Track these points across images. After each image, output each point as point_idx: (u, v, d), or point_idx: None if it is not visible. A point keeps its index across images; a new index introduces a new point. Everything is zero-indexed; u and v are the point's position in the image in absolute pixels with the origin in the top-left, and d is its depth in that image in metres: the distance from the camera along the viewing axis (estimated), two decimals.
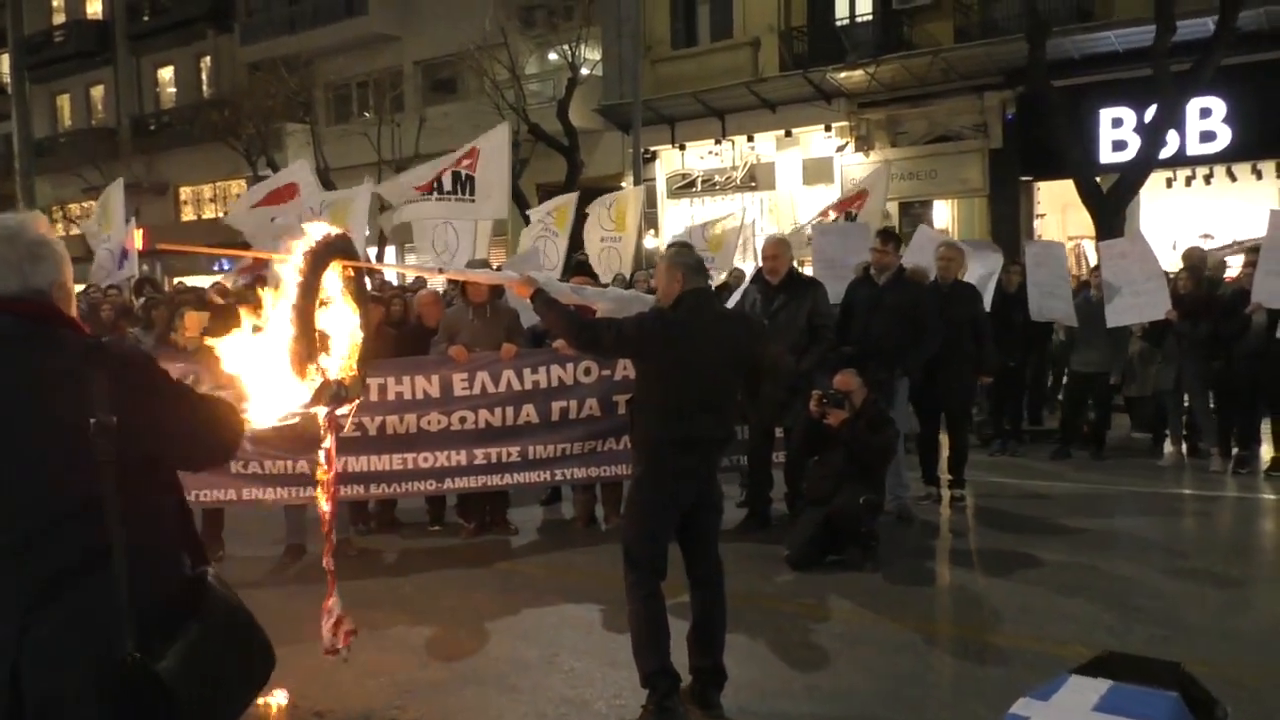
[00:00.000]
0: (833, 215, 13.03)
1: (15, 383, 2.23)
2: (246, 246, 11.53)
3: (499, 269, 9.23)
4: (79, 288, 14.26)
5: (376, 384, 7.20)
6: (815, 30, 21.44)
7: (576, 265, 8.84)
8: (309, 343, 3.53)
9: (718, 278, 12.35)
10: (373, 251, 21.11)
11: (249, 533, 7.94)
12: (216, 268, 24.17)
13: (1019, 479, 9.24)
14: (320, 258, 3.73)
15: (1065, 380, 10.71)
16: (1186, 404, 9.79)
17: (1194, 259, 9.92)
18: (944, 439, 8.49)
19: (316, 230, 3.84)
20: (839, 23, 21.12)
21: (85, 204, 34.43)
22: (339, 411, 3.70)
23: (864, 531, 6.60)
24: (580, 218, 14.18)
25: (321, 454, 3.92)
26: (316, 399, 3.56)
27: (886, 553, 6.74)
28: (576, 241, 17.93)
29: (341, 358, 3.86)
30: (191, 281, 17.58)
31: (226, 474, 7.19)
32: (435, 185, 11.32)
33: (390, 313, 8.52)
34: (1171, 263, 10.82)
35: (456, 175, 11.47)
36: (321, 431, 3.74)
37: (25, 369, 2.25)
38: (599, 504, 8.13)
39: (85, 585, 2.23)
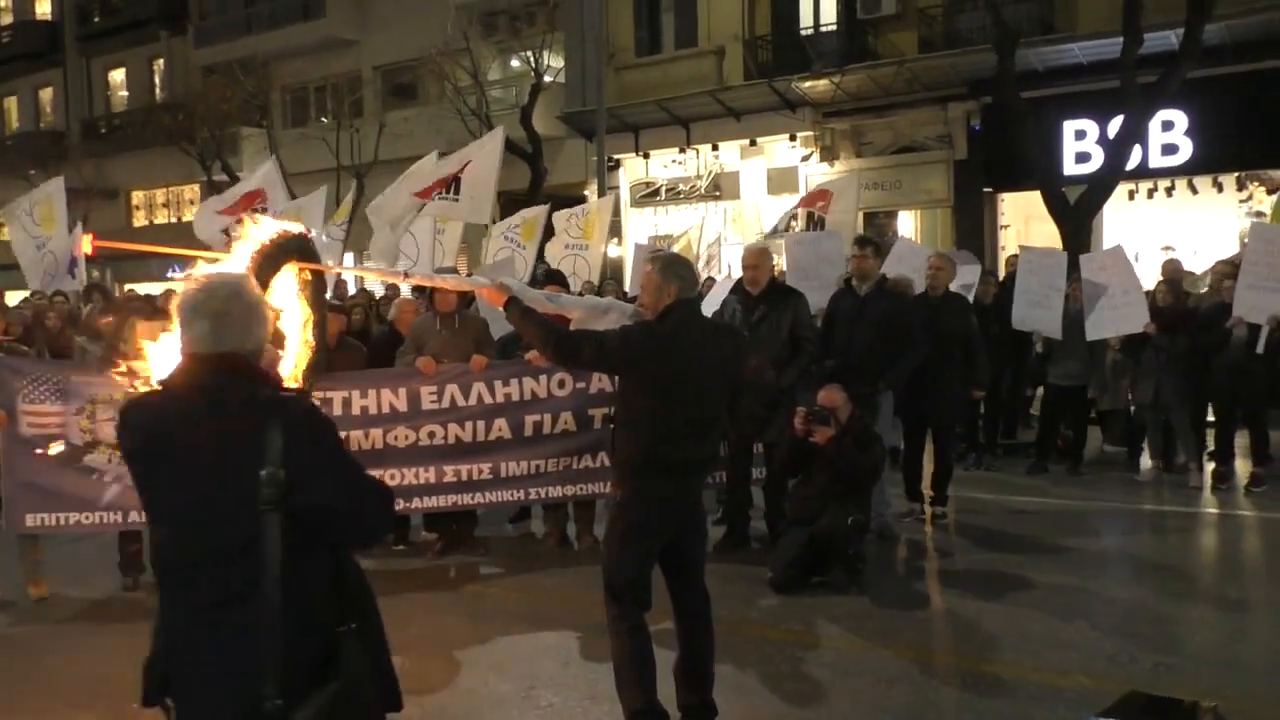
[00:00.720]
0: (800, 216, 12.86)
1: (213, 431, 2.46)
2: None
3: (469, 276, 8.90)
4: (21, 295, 13.72)
5: (340, 397, 6.89)
6: (780, 39, 21.31)
7: (547, 273, 8.52)
8: None
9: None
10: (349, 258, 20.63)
11: None
12: (170, 274, 23.58)
13: (999, 494, 9.05)
14: (270, 259, 3.44)
15: (1042, 393, 10.55)
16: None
17: (1172, 272, 9.82)
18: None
19: (270, 228, 3.54)
20: (804, 32, 21.01)
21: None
22: None
23: (851, 553, 6.36)
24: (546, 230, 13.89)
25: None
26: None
27: (872, 574, 6.53)
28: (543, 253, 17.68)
29: (286, 370, 3.58)
30: (143, 288, 17.04)
31: None
32: (449, 186, 10.87)
33: (351, 323, 8.16)
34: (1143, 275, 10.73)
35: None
36: None
37: (222, 421, 2.47)
38: (571, 522, 7.82)
39: (235, 623, 2.41)
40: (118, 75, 34.90)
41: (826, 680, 5.00)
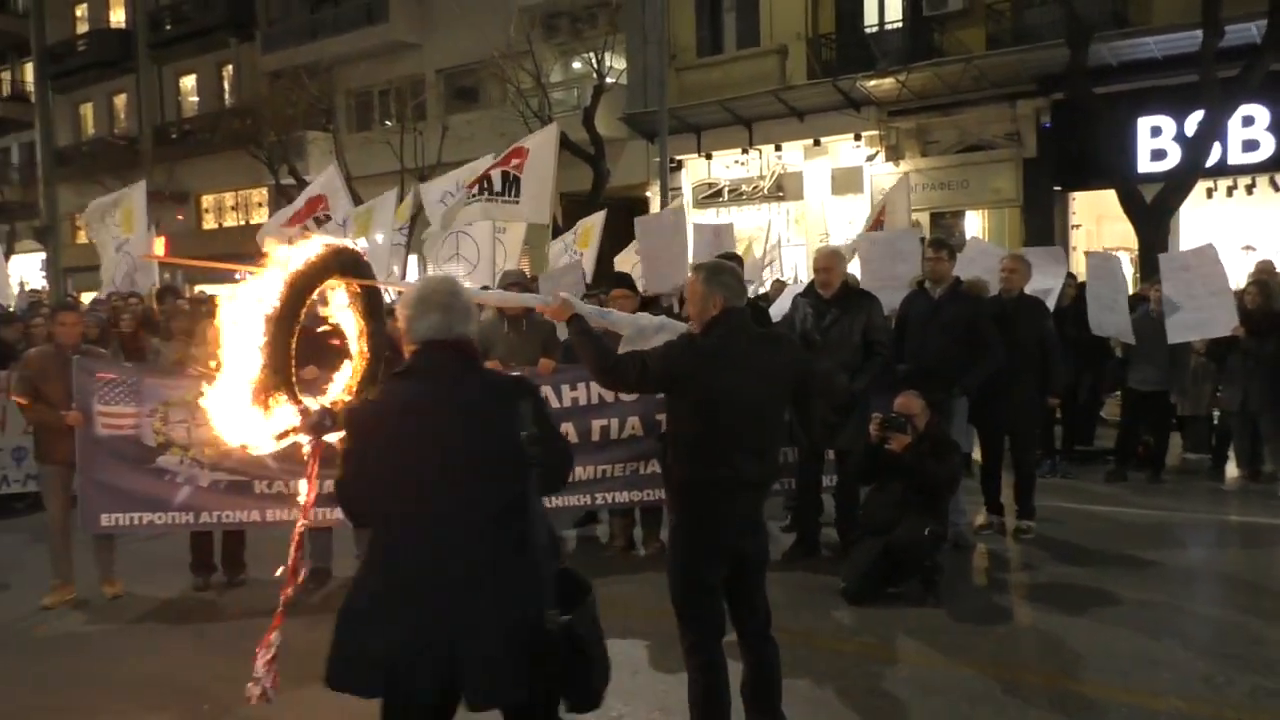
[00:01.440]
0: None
1: (472, 401, 3.01)
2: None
3: (534, 279, 8.87)
4: (94, 296, 14.01)
5: None
6: (844, 37, 21.05)
7: (617, 278, 8.42)
8: (276, 372, 3.35)
9: (754, 289, 12.01)
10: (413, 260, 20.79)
11: (269, 555, 7.59)
12: (238, 276, 23.91)
13: (1078, 504, 8.75)
14: (308, 279, 3.43)
15: (1121, 399, 10.21)
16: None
17: (1261, 272, 9.44)
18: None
19: (312, 247, 3.53)
20: (868, 30, 20.73)
21: None
22: (327, 439, 3.44)
23: (927, 564, 6.17)
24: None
25: (303, 483, 3.64)
26: (300, 427, 3.35)
27: (948, 586, 6.31)
28: (603, 260, 17.62)
29: (341, 382, 3.57)
30: (214, 290, 17.31)
31: (250, 494, 6.87)
32: (484, 184, 10.84)
33: None
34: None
35: (505, 175, 11.01)
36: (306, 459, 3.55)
37: (475, 394, 3.05)
38: (637, 526, 7.74)
39: (516, 565, 2.93)
40: (188, 81, 35.64)
41: (905, 697, 4.84)
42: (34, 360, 6.96)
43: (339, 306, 3.72)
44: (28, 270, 34.15)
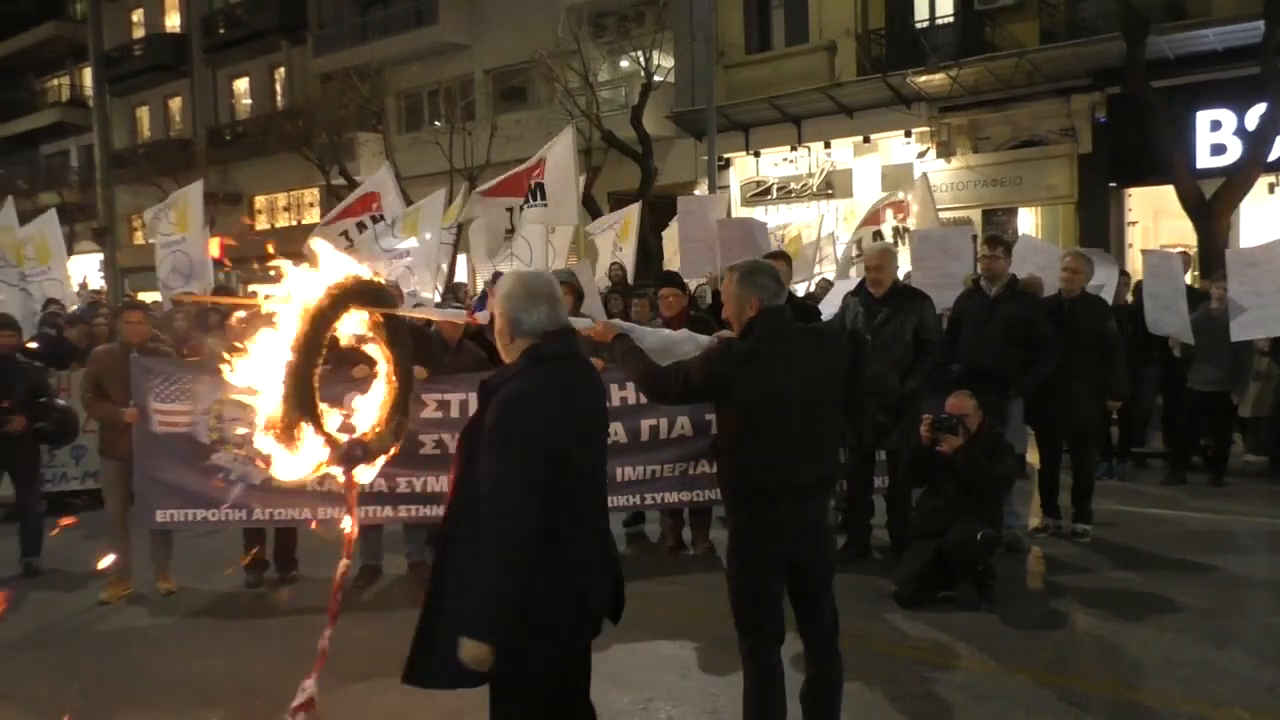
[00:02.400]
0: (886, 229, 12.63)
1: (597, 381, 3.40)
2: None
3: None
4: (154, 297, 14.25)
5: (458, 399, 6.89)
6: (894, 33, 20.82)
7: (664, 275, 8.39)
8: (299, 406, 3.36)
9: (801, 287, 11.92)
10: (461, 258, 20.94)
11: (321, 551, 7.69)
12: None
13: (1135, 507, 8.57)
14: (329, 310, 3.48)
15: (1181, 400, 9.95)
16: None
17: None
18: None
19: (333, 271, 3.57)
20: (919, 25, 20.48)
21: None
22: (358, 471, 3.52)
23: (980, 568, 6.07)
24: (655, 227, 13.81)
25: (347, 519, 3.73)
26: (331, 460, 3.41)
27: (1002, 590, 6.21)
28: (647, 252, 17.59)
29: (369, 414, 3.60)
30: (266, 290, 17.53)
31: (302, 493, 6.93)
32: (530, 194, 11.06)
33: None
34: None
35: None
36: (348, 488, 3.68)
37: (596, 376, 3.43)
38: (686, 527, 7.70)
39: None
40: (241, 84, 36.22)
41: (959, 703, 4.76)
42: (99, 358, 7.14)
43: (363, 338, 3.74)
44: (86, 270, 34.95)
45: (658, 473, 7.05)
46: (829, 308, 8.92)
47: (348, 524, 3.86)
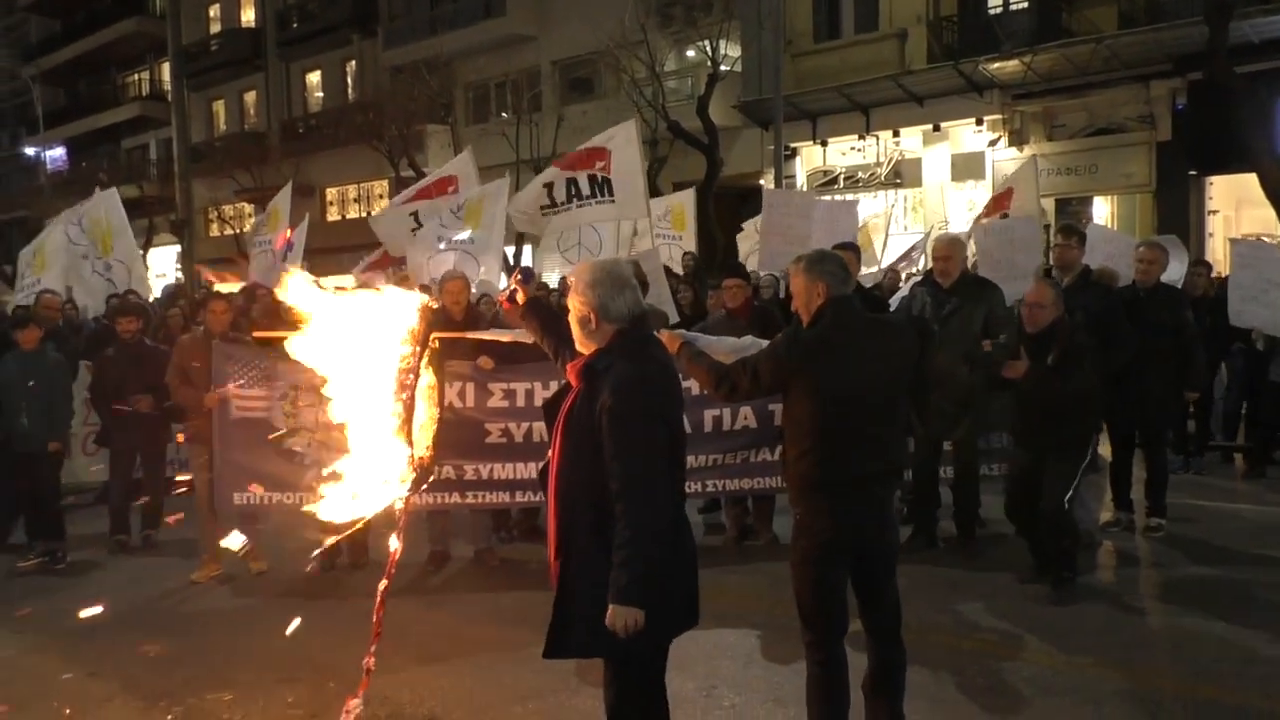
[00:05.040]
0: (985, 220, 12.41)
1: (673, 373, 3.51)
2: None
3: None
4: (228, 287, 14.62)
5: (524, 388, 6.98)
6: (966, 20, 20.53)
7: (730, 266, 8.37)
8: (404, 425, 3.70)
9: (869, 279, 11.82)
10: (510, 250, 21.13)
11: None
12: (358, 267, 24.64)
13: (1213, 501, 8.38)
14: (424, 340, 3.75)
15: (1264, 393, 9.65)
16: None
17: None
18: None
19: (407, 302, 3.72)
20: (992, 11, 20.17)
21: (238, 205, 35.78)
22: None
23: (1066, 545, 6.00)
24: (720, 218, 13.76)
25: (394, 540, 3.86)
26: (413, 489, 3.79)
27: (1076, 583, 6.11)
28: (713, 243, 17.57)
29: (420, 438, 3.75)
30: (336, 282, 17.84)
31: None
32: (570, 190, 11.00)
33: None
34: None
35: (593, 179, 11.12)
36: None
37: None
38: (750, 517, 7.71)
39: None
40: (314, 77, 36.86)
41: (1027, 696, 4.71)
42: (185, 345, 7.40)
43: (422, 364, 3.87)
44: (165, 262, 35.91)
45: (719, 460, 7.08)
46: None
47: (394, 543, 4.05)
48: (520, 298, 3.97)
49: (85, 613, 5.91)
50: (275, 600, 6.73)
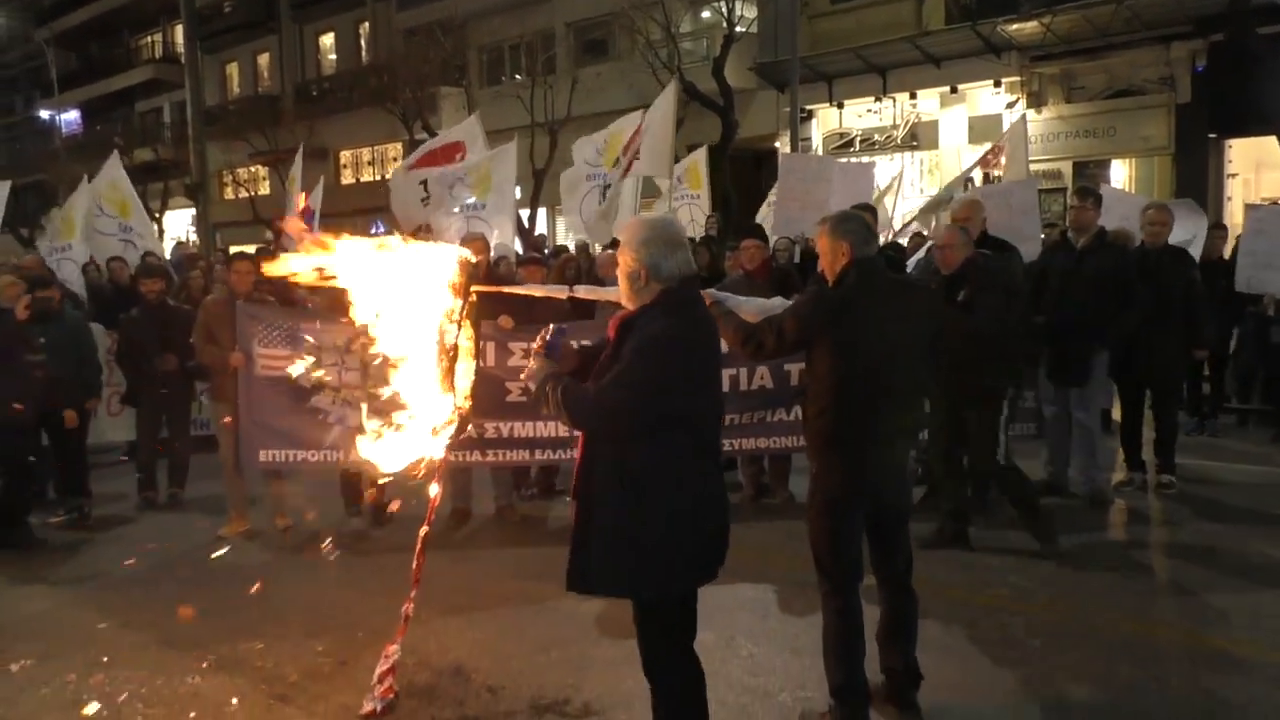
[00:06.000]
0: (977, 176, 12.39)
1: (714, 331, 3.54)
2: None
3: None
4: (240, 250, 14.76)
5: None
6: None
7: (749, 229, 8.40)
8: (448, 374, 3.80)
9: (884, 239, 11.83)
10: (524, 214, 21.15)
11: (412, 493, 7.98)
12: (373, 230, 24.67)
13: (1227, 462, 8.44)
14: (465, 293, 3.77)
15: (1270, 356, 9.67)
16: None
17: None
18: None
19: (449, 254, 3.78)
20: None
21: (252, 168, 35.81)
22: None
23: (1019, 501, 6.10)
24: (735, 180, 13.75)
25: (433, 487, 3.97)
26: (456, 436, 3.89)
27: (1086, 542, 6.21)
28: (728, 204, 17.54)
29: (461, 389, 3.84)
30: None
31: None
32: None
33: (563, 278, 8.35)
34: None
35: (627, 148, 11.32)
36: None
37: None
38: (767, 476, 7.81)
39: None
40: (327, 40, 36.71)
41: (1039, 649, 4.81)
42: (210, 306, 7.50)
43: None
44: (180, 226, 36.04)
45: (736, 420, 7.14)
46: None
47: (434, 490, 4.24)
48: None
49: (126, 561, 6.08)
50: (300, 555, 6.89)
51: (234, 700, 4.55)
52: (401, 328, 3.80)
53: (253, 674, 4.84)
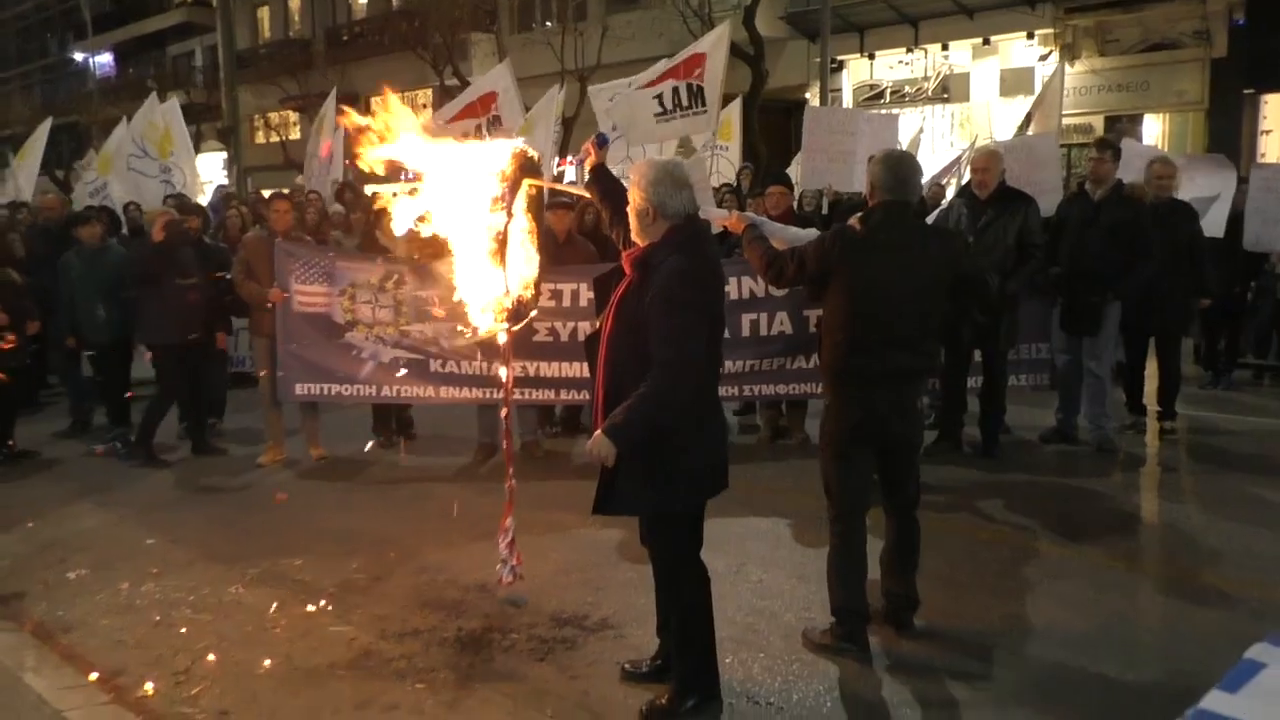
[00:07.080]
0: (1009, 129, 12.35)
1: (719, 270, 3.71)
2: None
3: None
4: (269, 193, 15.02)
5: (570, 289, 7.28)
6: None
7: (775, 175, 8.53)
8: (498, 253, 3.98)
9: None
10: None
11: (444, 421, 8.31)
12: (403, 176, 24.72)
13: (1235, 414, 8.59)
14: (516, 183, 3.91)
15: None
16: None
17: None
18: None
19: (505, 146, 3.96)
20: None
21: (284, 112, 35.96)
22: (517, 326, 4.01)
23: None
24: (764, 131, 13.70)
25: (503, 371, 4.20)
26: (510, 316, 3.88)
27: (1088, 484, 6.43)
28: (756, 156, 17.57)
29: (522, 275, 4.03)
30: (379, 189, 18.11)
31: (426, 373, 7.49)
32: (675, 99, 10.81)
33: (584, 222, 8.52)
34: None
35: (690, 87, 10.94)
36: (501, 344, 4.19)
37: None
38: (784, 419, 8.04)
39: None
40: None
41: (1034, 580, 5.05)
42: (249, 243, 7.77)
43: (519, 207, 4.13)
44: (212, 169, 36.30)
45: (756, 366, 7.35)
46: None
47: (503, 373, 4.50)
48: (590, 162, 4.26)
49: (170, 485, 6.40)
50: (334, 482, 7.23)
51: (275, 606, 4.88)
52: (471, 219, 3.97)
53: (292, 586, 5.17)
